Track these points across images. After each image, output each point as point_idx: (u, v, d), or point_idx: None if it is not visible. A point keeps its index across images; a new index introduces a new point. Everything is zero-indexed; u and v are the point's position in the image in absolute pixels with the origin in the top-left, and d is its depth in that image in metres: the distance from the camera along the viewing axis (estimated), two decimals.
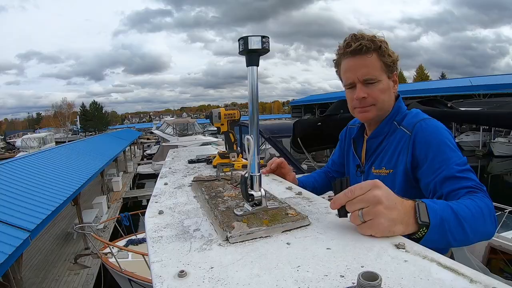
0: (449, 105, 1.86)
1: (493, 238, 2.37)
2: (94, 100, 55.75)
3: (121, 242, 6.28)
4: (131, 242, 6.26)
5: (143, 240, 6.13)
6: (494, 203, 0.74)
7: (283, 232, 0.57)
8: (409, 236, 0.56)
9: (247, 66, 0.63)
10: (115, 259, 5.16)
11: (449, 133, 0.88)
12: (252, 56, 0.62)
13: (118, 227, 6.99)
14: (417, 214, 0.57)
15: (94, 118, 51.69)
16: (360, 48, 0.92)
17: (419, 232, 0.58)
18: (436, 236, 0.59)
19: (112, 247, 5.48)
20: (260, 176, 0.66)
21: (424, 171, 0.85)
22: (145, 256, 4.31)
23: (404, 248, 0.49)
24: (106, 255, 5.67)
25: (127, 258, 5.60)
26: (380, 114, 1.00)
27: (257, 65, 0.63)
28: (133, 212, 6.52)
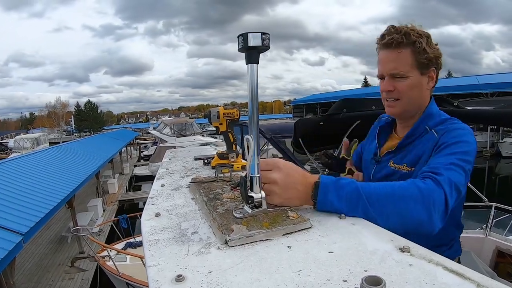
0: (455, 104, 1.86)
1: (500, 241, 2.37)
2: (89, 100, 55.89)
3: (119, 245, 6.30)
4: (129, 245, 6.28)
5: (141, 243, 6.08)
6: (501, 205, 0.73)
7: (283, 235, 0.57)
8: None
9: (246, 63, 0.63)
10: (113, 262, 5.17)
11: (473, 138, 0.88)
12: (252, 53, 0.62)
13: (116, 229, 7.00)
14: (313, 193, 0.67)
15: (89, 118, 51.72)
16: (391, 42, 0.94)
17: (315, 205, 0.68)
18: (327, 209, 0.66)
19: (110, 250, 5.48)
20: (259, 177, 0.66)
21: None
22: (143, 259, 4.31)
23: (409, 252, 0.49)
24: (104, 258, 5.68)
25: (125, 261, 5.62)
26: (408, 110, 1.00)
27: (257, 63, 0.63)
28: (131, 214, 6.53)
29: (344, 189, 0.66)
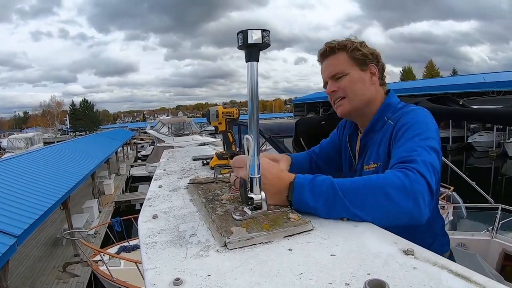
0: (460, 102, 1.86)
1: (507, 243, 2.37)
2: (84, 98, 55.84)
3: (113, 249, 6.26)
4: (123, 249, 6.25)
5: (135, 247, 6.12)
6: (508, 207, 0.72)
7: (284, 237, 0.57)
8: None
9: (246, 61, 0.63)
10: (106, 267, 5.13)
11: (430, 118, 0.89)
12: (252, 51, 0.62)
13: (110, 233, 6.98)
14: (288, 193, 0.68)
15: (84, 117, 51.67)
16: (325, 51, 1.04)
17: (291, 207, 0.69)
18: (303, 209, 0.67)
19: (103, 255, 5.46)
20: (260, 178, 0.66)
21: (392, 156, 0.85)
22: (138, 264, 4.30)
23: (413, 255, 0.49)
24: (97, 263, 5.66)
25: (119, 266, 5.59)
26: (356, 107, 1.02)
27: (257, 60, 0.63)
28: (125, 217, 6.50)
29: (319, 187, 0.66)
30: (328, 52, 1.04)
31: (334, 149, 1.23)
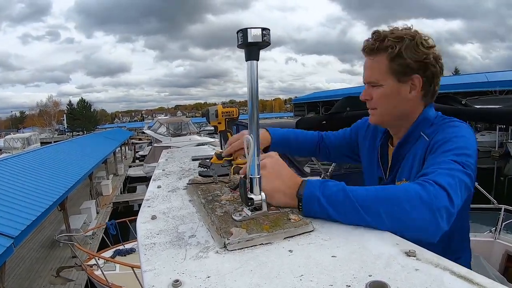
0: (463, 102, 1.85)
1: (510, 245, 2.37)
2: (81, 98, 55.79)
3: (108, 253, 6.20)
4: (118, 253, 6.19)
5: (131, 251, 6.10)
6: (511, 208, 0.71)
7: (285, 238, 0.57)
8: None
9: (246, 60, 0.63)
10: (101, 271, 5.08)
11: (469, 134, 0.83)
12: (252, 50, 0.62)
13: (105, 237, 6.94)
14: (299, 190, 0.67)
15: (82, 117, 51.64)
16: (365, 49, 0.93)
17: (300, 206, 0.67)
18: (315, 209, 0.65)
19: (98, 259, 5.41)
20: (260, 178, 0.66)
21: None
22: (134, 268, 4.28)
23: (415, 256, 0.49)
24: (92, 267, 5.60)
25: (115, 270, 5.52)
26: (386, 120, 0.98)
27: (257, 59, 0.63)
28: (119, 220, 6.44)
29: (331, 189, 0.65)
30: (367, 51, 0.93)
31: (347, 145, 1.21)
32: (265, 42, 0.60)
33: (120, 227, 6.44)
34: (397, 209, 0.61)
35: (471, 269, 0.45)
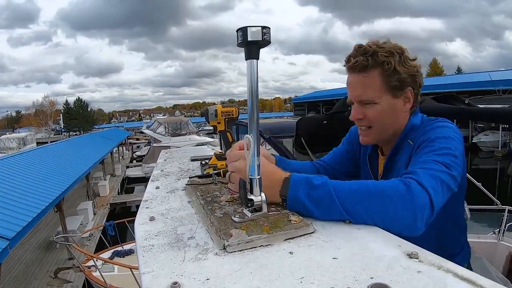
0: (466, 101, 1.85)
1: None
2: (78, 97, 55.75)
3: (106, 254, 6.22)
4: (116, 254, 6.21)
5: (129, 252, 6.11)
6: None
7: (285, 240, 0.57)
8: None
9: (246, 59, 0.63)
10: (100, 272, 5.09)
11: (454, 133, 0.83)
12: (252, 49, 0.62)
13: (103, 238, 6.94)
14: (282, 189, 0.69)
15: (79, 116, 51.58)
16: (355, 66, 0.88)
17: (284, 204, 0.69)
18: (299, 209, 0.67)
19: (96, 260, 5.42)
20: (260, 179, 0.66)
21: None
22: (132, 269, 4.28)
23: (417, 258, 0.50)
24: (90, 268, 5.61)
25: (113, 271, 5.53)
26: (382, 138, 0.97)
27: (257, 58, 0.63)
28: (118, 221, 6.44)
29: (316, 191, 0.65)
30: (359, 68, 0.88)
31: (349, 160, 1.16)
32: (265, 40, 0.60)
33: (119, 227, 6.45)
34: (379, 206, 0.64)
35: (471, 268, 0.45)
